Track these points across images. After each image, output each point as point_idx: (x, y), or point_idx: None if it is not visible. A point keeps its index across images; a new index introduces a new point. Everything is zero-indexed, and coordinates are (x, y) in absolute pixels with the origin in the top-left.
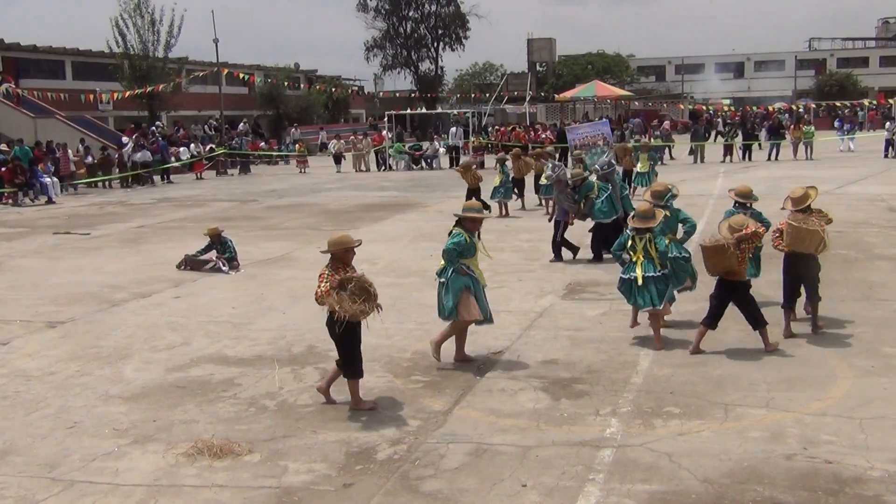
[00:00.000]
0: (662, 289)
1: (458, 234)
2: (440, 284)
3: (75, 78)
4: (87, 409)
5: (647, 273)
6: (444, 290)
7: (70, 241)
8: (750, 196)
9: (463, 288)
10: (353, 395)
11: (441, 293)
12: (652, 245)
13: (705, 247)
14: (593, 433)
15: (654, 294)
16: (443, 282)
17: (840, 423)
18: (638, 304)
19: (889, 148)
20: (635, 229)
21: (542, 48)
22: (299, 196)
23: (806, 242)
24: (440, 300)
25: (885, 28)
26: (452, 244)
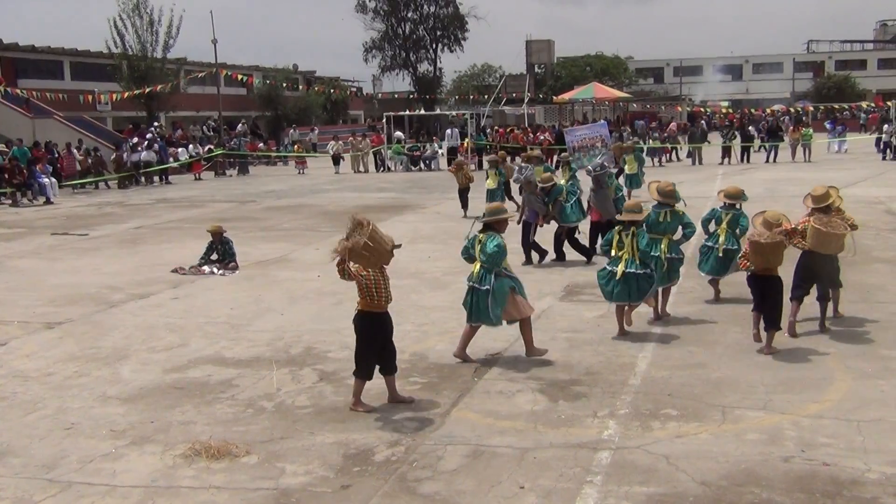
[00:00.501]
0: (645, 287)
1: (496, 237)
2: (482, 292)
3: (74, 78)
4: (84, 410)
5: (629, 269)
6: (488, 298)
7: (68, 241)
8: (739, 196)
9: (509, 291)
10: (354, 394)
11: (484, 301)
12: (634, 241)
13: (763, 244)
14: (591, 435)
15: (632, 290)
16: (486, 289)
17: (837, 426)
18: (614, 298)
19: (887, 150)
20: (622, 223)
21: (540, 50)
22: (298, 197)
23: (830, 246)
24: (481, 308)
25: (883, 30)
26: (497, 248)
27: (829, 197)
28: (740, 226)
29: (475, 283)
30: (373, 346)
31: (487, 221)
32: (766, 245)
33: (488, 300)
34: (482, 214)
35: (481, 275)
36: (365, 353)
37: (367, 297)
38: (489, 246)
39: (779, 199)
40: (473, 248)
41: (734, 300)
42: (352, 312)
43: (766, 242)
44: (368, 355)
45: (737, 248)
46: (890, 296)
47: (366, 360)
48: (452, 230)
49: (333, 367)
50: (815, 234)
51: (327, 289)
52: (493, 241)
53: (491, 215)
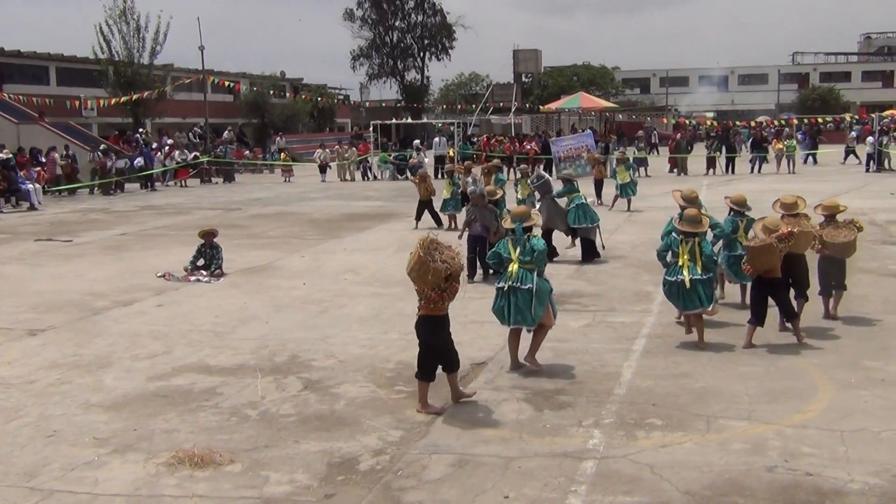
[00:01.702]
0: (709, 291)
1: (541, 240)
2: (524, 291)
3: (59, 84)
4: (67, 417)
5: (694, 276)
6: (532, 297)
7: (52, 248)
8: (744, 205)
9: (549, 293)
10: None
11: (526, 300)
12: (699, 248)
13: (754, 247)
14: (576, 444)
15: (702, 296)
16: (529, 287)
17: (821, 436)
18: (688, 307)
19: (870, 161)
20: (683, 233)
21: (527, 59)
22: (284, 205)
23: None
24: (522, 307)
25: (867, 43)
26: (545, 247)
27: (798, 206)
28: None
29: (514, 282)
30: (436, 348)
31: (528, 225)
32: (756, 248)
33: (532, 299)
34: (510, 219)
35: (521, 275)
36: (429, 356)
37: (431, 301)
38: (538, 244)
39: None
40: (507, 251)
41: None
42: (337, 320)
43: (756, 246)
44: (432, 358)
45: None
46: (873, 307)
47: (430, 363)
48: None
49: (318, 375)
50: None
51: (313, 297)
52: (539, 241)
53: (525, 220)
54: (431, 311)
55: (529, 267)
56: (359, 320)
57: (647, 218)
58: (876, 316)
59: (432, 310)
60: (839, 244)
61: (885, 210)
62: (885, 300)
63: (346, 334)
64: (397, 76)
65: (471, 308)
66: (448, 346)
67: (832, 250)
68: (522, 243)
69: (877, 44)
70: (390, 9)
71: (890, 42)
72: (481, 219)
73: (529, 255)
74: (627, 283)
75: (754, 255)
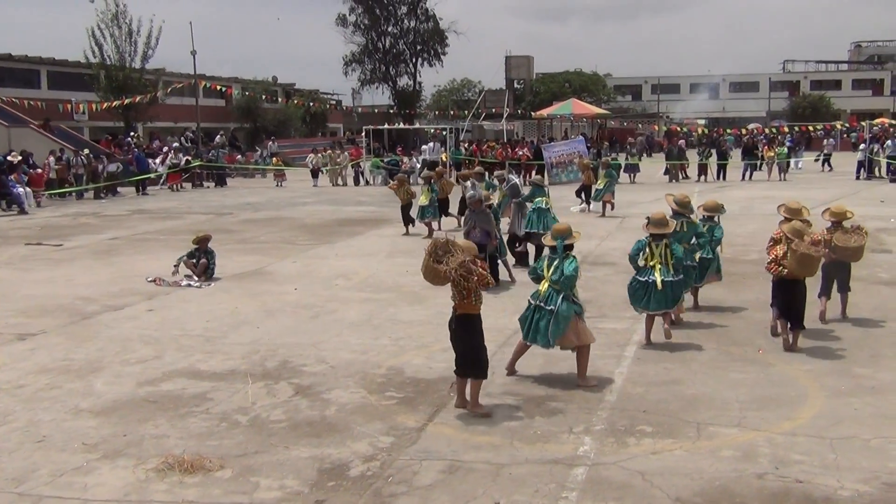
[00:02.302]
0: (678, 293)
1: (574, 259)
2: (546, 311)
3: (51, 87)
4: (56, 422)
5: (665, 277)
6: (553, 318)
7: (42, 252)
8: (717, 210)
9: (573, 316)
10: (474, 396)
11: (546, 321)
12: (668, 251)
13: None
14: (567, 451)
15: (668, 297)
16: (550, 309)
17: (811, 443)
18: (651, 307)
19: (861, 169)
20: (652, 235)
21: (520, 65)
22: (275, 210)
23: (854, 256)
24: (540, 327)
25: (857, 52)
26: (575, 271)
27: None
28: (715, 237)
29: (541, 301)
30: (480, 342)
31: (568, 242)
32: (813, 257)
33: (550, 321)
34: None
35: (548, 294)
36: (482, 352)
37: (472, 298)
38: (568, 268)
39: (754, 218)
40: (543, 269)
41: (710, 315)
42: (328, 326)
43: (814, 255)
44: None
45: (711, 256)
46: (864, 314)
47: (484, 357)
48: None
49: (309, 380)
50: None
51: (304, 302)
52: (571, 263)
53: (566, 237)
54: (471, 308)
55: (557, 288)
56: (350, 326)
57: (637, 225)
58: (866, 323)
59: (472, 308)
60: (851, 248)
61: (876, 218)
62: (875, 308)
63: (337, 340)
64: (389, 82)
65: None
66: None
67: (842, 255)
68: (562, 264)
69: (867, 52)
70: (383, 14)
71: (880, 51)
72: (481, 224)
73: (559, 276)
74: (618, 289)
75: (808, 262)
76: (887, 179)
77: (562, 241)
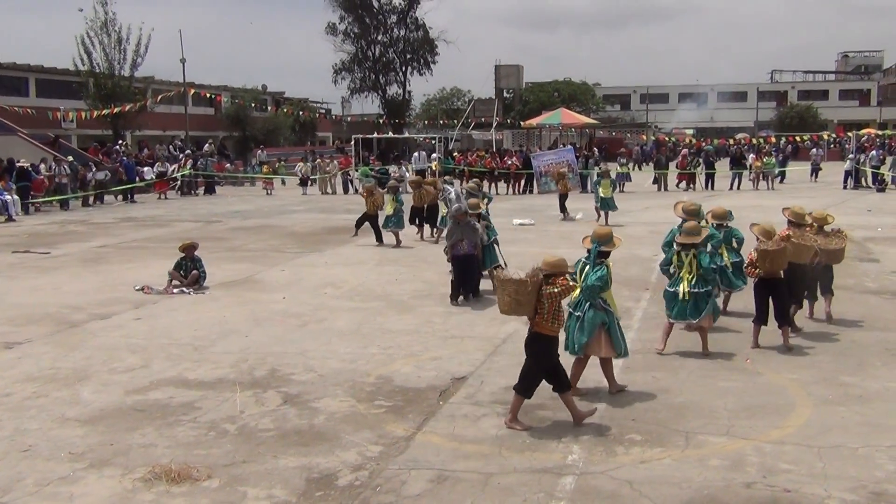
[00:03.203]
0: (703, 304)
1: (603, 268)
2: (574, 318)
3: (39, 95)
4: (42, 431)
5: (690, 289)
6: (578, 325)
7: (29, 260)
8: (725, 217)
9: (599, 325)
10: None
11: (574, 328)
12: (695, 261)
13: (771, 250)
14: (555, 460)
15: (690, 308)
16: (578, 316)
17: (799, 452)
18: (673, 316)
19: (848, 179)
20: (681, 245)
21: (509, 75)
22: (264, 218)
23: (835, 257)
24: (571, 335)
25: (844, 62)
26: (599, 280)
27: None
28: (736, 238)
29: (571, 307)
30: (544, 366)
31: (603, 249)
32: (773, 251)
33: (576, 326)
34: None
35: (578, 300)
36: (535, 373)
37: (550, 320)
38: (592, 277)
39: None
40: (576, 274)
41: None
42: (317, 334)
43: (773, 249)
44: (537, 375)
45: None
46: (850, 323)
47: (534, 380)
48: (419, 253)
49: (298, 389)
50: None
51: (293, 310)
52: (598, 272)
53: (607, 242)
54: (548, 329)
55: (585, 296)
56: (339, 334)
57: (627, 233)
58: (853, 332)
59: (549, 329)
60: (831, 251)
61: (862, 227)
62: (862, 316)
63: (326, 348)
64: (379, 90)
65: (451, 323)
66: (558, 367)
67: (824, 257)
68: (588, 273)
69: (854, 63)
70: (373, 23)
71: (866, 61)
72: (468, 236)
73: (585, 283)
74: None
75: (772, 257)
76: (874, 189)
77: (597, 245)
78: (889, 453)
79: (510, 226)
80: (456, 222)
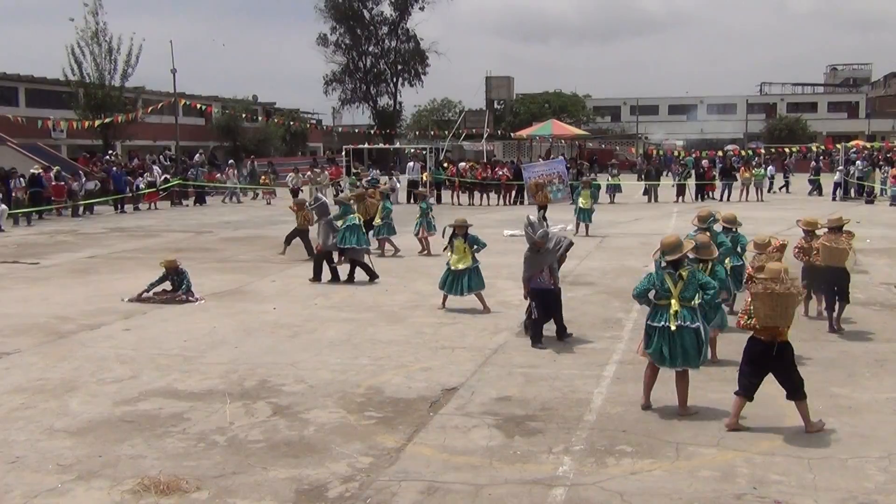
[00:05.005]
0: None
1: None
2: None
3: (29, 105)
4: (30, 443)
5: (688, 323)
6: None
7: (18, 270)
8: (734, 222)
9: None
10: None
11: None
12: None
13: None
14: (546, 471)
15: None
16: (696, 327)
17: (789, 463)
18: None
19: (837, 190)
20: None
21: (500, 86)
22: (255, 228)
23: (837, 258)
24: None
25: (833, 74)
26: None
27: (840, 220)
28: (741, 244)
29: (681, 321)
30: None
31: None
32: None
33: (699, 340)
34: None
35: (684, 314)
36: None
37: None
38: (711, 283)
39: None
40: (665, 289)
41: None
42: (307, 345)
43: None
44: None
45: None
46: (839, 334)
47: (752, 380)
48: (410, 263)
49: (288, 400)
50: (824, 250)
51: (283, 321)
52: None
53: (677, 250)
54: (786, 335)
55: (690, 305)
56: (329, 345)
57: (617, 244)
58: (842, 343)
59: (786, 334)
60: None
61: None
62: (852, 328)
63: (316, 359)
64: (370, 101)
65: (442, 334)
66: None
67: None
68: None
69: (842, 75)
70: (364, 34)
71: (855, 74)
72: (551, 262)
73: (706, 292)
74: (598, 309)
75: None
76: (863, 200)
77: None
78: (878, 464)
79: (501, 237)
80: (536, 250)
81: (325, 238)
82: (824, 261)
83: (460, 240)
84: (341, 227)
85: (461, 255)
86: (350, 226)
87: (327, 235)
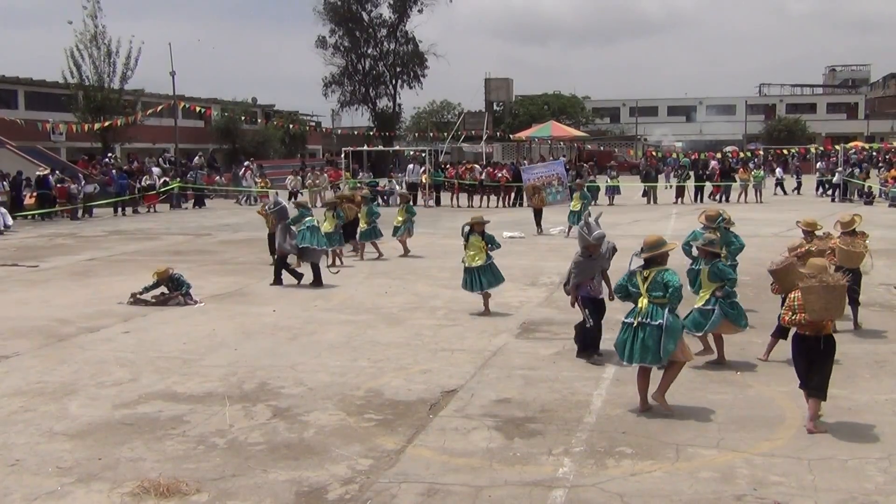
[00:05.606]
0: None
1: (674, 272)
2: (653, 327)
3: (28, 108)
4: (30, 446)
5: (650, 319)
6: (663, 334)
7: (17, 273)
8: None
9: (681, 329)
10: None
11: (655, 336)
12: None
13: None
14: (546, 473)
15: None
16: (658, 324)
17: (789, 464)
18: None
19: (835, 192)
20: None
21: (499, 88)
22: (254, 231)
23: (854, 260)
24: (649, 345)
25: (832, 76)
26: (679, 283)
27: (854, 222)
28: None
29: (643, 318)
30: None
31: (652, 256)
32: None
33: (661, 335)
34: (641, 249)
35: (651, 310)
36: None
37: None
38: (675, 280)
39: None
40: (634, 285)
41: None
42: (306, 347)
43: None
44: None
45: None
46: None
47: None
48: (409, 265)
49: (287, 402)
50: (840, 252)
51: (282, 323)
52: (674, 275)
53: (655, 248)
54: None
55: (661, 302)
56: (329, 347)
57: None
58: (842, 345)
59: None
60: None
61: None
62: (851, 329)
63: (315, 361)
64: (369, 103)
65: (441, 336)
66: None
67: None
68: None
69: (841, 76)
70: (363, 37)
71: (854, 75)
72: (602, 266)
73: (665, 291)
74: None
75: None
76: (861, 202)
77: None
78: (878, 465)
79: (500, 239)
80: (588, 255)
81: (281, 241)
82: (841, 262)
83: (477, 237)
84: (300, 228)
85: (477, 251)
86: (311, 226)
87: (283, 238)
